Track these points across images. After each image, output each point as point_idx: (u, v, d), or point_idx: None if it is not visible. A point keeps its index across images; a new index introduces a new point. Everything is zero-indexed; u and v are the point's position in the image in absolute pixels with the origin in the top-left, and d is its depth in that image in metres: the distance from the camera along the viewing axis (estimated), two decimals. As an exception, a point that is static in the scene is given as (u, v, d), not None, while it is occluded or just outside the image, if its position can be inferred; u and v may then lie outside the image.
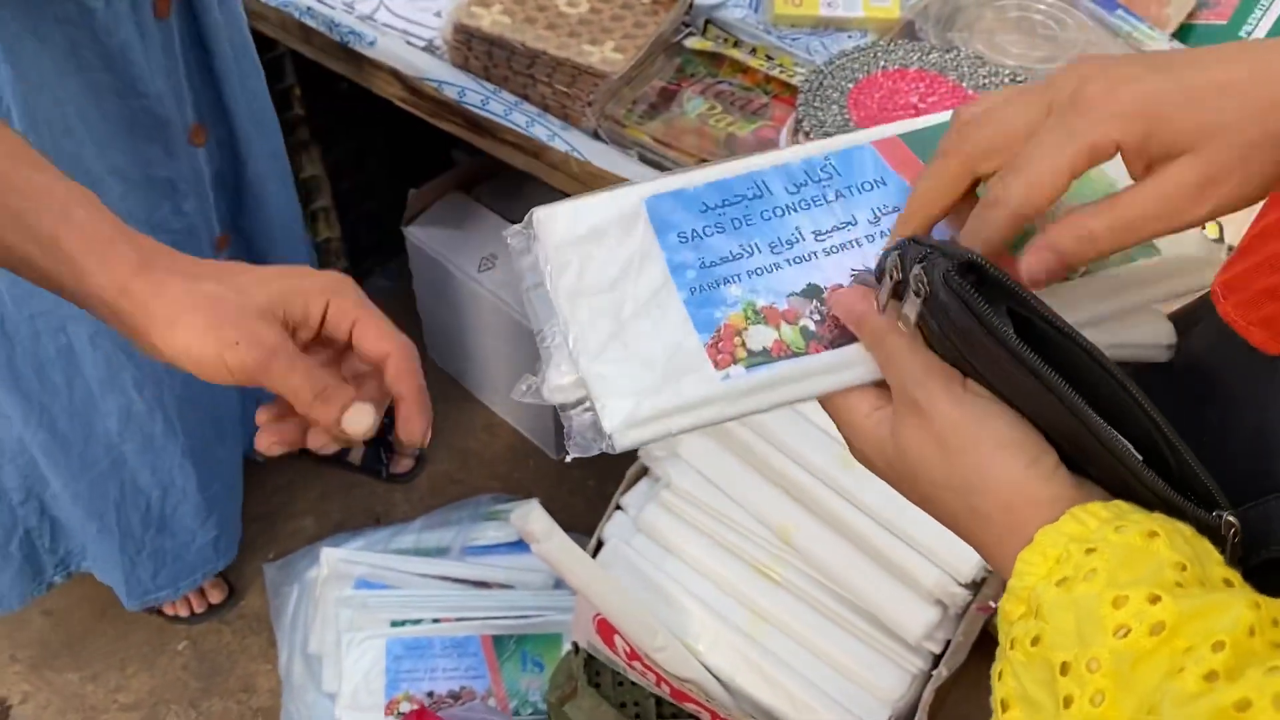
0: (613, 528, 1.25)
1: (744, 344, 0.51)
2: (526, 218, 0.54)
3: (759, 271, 0.53)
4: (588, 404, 0.50)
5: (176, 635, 1.67)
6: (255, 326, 0.55)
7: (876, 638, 1.11)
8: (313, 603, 1.56)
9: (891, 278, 0.47)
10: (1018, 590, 0.41)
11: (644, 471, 1.30)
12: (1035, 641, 0.39)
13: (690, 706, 1.16)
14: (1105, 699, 0.35)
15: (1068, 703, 0.36)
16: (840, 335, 0.51)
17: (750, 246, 0.53)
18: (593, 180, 1.32)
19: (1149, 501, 0.42)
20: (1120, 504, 0.42)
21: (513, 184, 1.84)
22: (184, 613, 1.67)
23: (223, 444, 1.52)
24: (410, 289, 1.96)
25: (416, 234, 1.79)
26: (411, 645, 1.48)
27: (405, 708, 1.43)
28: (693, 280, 0.52)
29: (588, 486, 1.87)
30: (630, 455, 1.36)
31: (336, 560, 1.56)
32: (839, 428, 0.51)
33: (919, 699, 1.07)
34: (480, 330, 1.82)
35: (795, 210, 0.54)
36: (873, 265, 0.52)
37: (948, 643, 1.08)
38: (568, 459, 0.51)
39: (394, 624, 1.50)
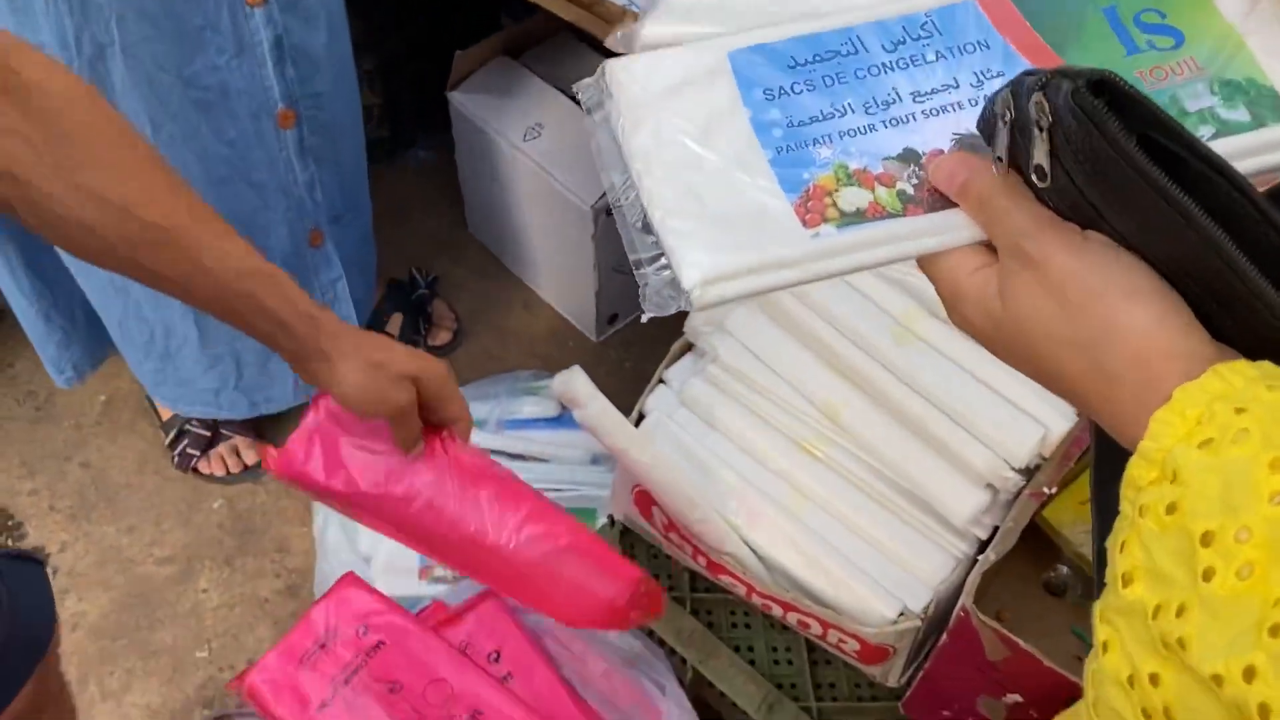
0: (655, 400, 1.23)
1: (835, 204, 0.47)
2: (599, 69, 0.51)
3: (852, 133, 0.49)
4: (664, 260, 0.47)
5: (212, 494, 1.68)
6: (397, 388, 0.82)
7: (921, 520, 1.09)
8: (348, 466, 1.55)
9: (1004, 119, 0.43)
10: (1150, 453, 0.36)
11: (688, 346, 1.27)
12: (1171, 509, 0.35)
13: (726, 580, 1.15)
14: (1255, 571, 0.32)
15: (1208, 575, 0.33)
16: (940, 201, 0.47)
17: (843, 106, 0.50)
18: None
19: None
20: (1267, 365, 0.37)
21: (562, 49, 1.78)
22: (220, 472, 1.67)
23: None
24: (452, 161, 1.91)
25: (461, 100, 1.74)
26: (446, 512, 1.48)
27: (439, 573, 1.44)
28: (779, 139, 0.49)
29: (625, 368, 1.85)
30: (671, 335, 1.33)
31: (373, 425, 1.55)
32: (938, 289, 0.48)
33: (963, 583, 1.04)
34: (523, 204, 1.78)
35: (893, 69, 0.50)
36: (975, 130, 0.48)
37: (995, 529, 1.05)
38: (644, 319, 0.49)
39: (429, 490, 1.49)
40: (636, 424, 1.20)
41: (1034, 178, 0.43)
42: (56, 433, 1.75)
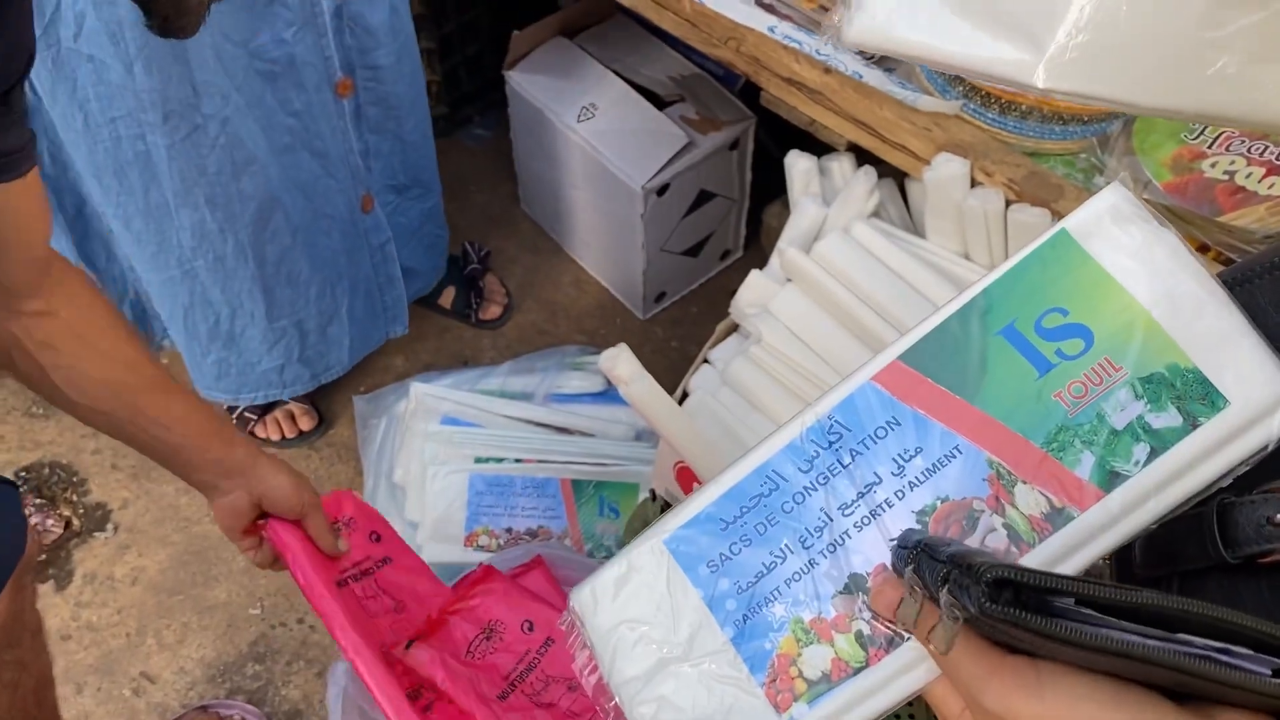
0: (699, 380, 1.25)
1: (801, 674, 0.48)
2: (569, 601, 0.56)
3: (796, 576, 0.50)
4: None
5: (268, 458, 1.74)
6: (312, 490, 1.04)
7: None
8: (400, 434, 1.60)
9: (914, 593, 0.43)
10: None
11: (734, 327, 1.29)
12: None
13: (764, 558, 1.17)
14: None
15: None
16: (896, 628, 0.47)
17: (781, 550, 0.50)
18: (703, 21, 1.28)
19: None
20: None
21: (617, 31, 1.80)
22: (275, 436, 1.72)
23: (312, 287, 1.52)
24: (507, 139, 1.94)
25: (517, 79, 1.76)
26: (493, 482, 1.52)
27: (484, 541, 1.48)
28: (734, 612, 0.50)
29: (671, 348, 1.87)
30: (717, 315, 1.35)
31: (424, 395, 1.59)
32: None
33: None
34: (576, 182, 1.80)
35: (815, 489, 0.50)
36: (911, 524, 0.48)
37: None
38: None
39: (478, 460, 1.53)
40: (680, 402, 1.22)
41: (930, 647, 0.42)
42: (120, 394, 1.81)
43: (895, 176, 1.26)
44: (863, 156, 1.25)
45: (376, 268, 1.59)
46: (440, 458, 1.53)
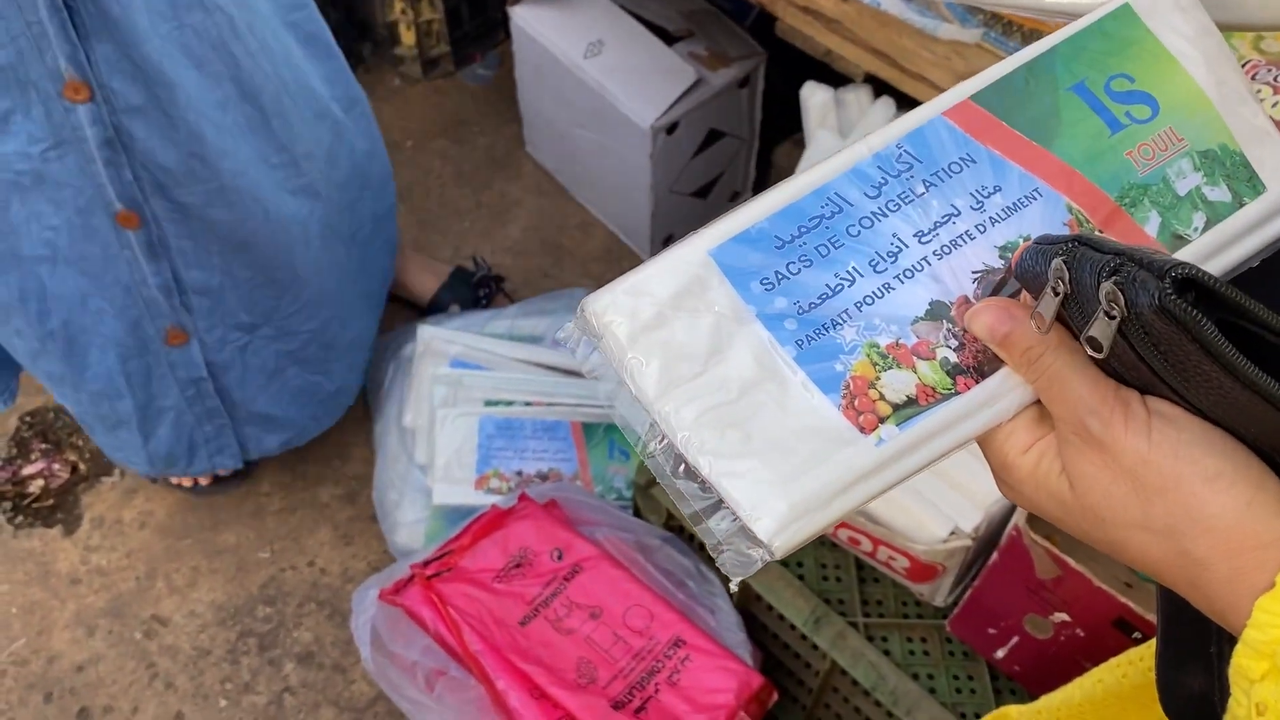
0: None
1: (882, 397, 0.44)
2: (579, 308, 0.45)
3: (869, 300, 0.45)
4: (726, 512, 0.43)
5: (274, 402, 1.72)
6: None
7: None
8: (408, 378, 1.59)
9: (1055, 291, 0.40)
10: (1259, 644, 0.34)
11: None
12: None
13: (779, 497, 1.17)
14: None
15: None
16: (988, 359, 0.44)
17: (849, 273, 0.45)
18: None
19: None
20: None
21: (625, -35, 1.76)
22: (282, 379, 1.70)
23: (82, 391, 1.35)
24: (511, 78, 1.91)
25: (521, 15, 1.73)
26: (503, 425, 1.51)
27: (495, 484, 1.47)
28: (796, 332, 0.44)
29: (680, 290, 1.86)
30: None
31: (433, 337, 1.57)
32: (987, 458, 0.45)
33: (1015, 505, 1.05)
34: (582, 121, 1.77)
35: (885, 214, 0.46)
36: (993, 262, 0.45)
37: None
38: (732, 587, 0.45)
39: (487, 403, 1.52)
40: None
41: (1087, 349, 0.40)
42: (124, 339, 1.79)
43: (913, 109, 1.24)
44: (880, 89, 1.22)
45: (190, 402, 1.40)
46: (449, 400, 1.52)
